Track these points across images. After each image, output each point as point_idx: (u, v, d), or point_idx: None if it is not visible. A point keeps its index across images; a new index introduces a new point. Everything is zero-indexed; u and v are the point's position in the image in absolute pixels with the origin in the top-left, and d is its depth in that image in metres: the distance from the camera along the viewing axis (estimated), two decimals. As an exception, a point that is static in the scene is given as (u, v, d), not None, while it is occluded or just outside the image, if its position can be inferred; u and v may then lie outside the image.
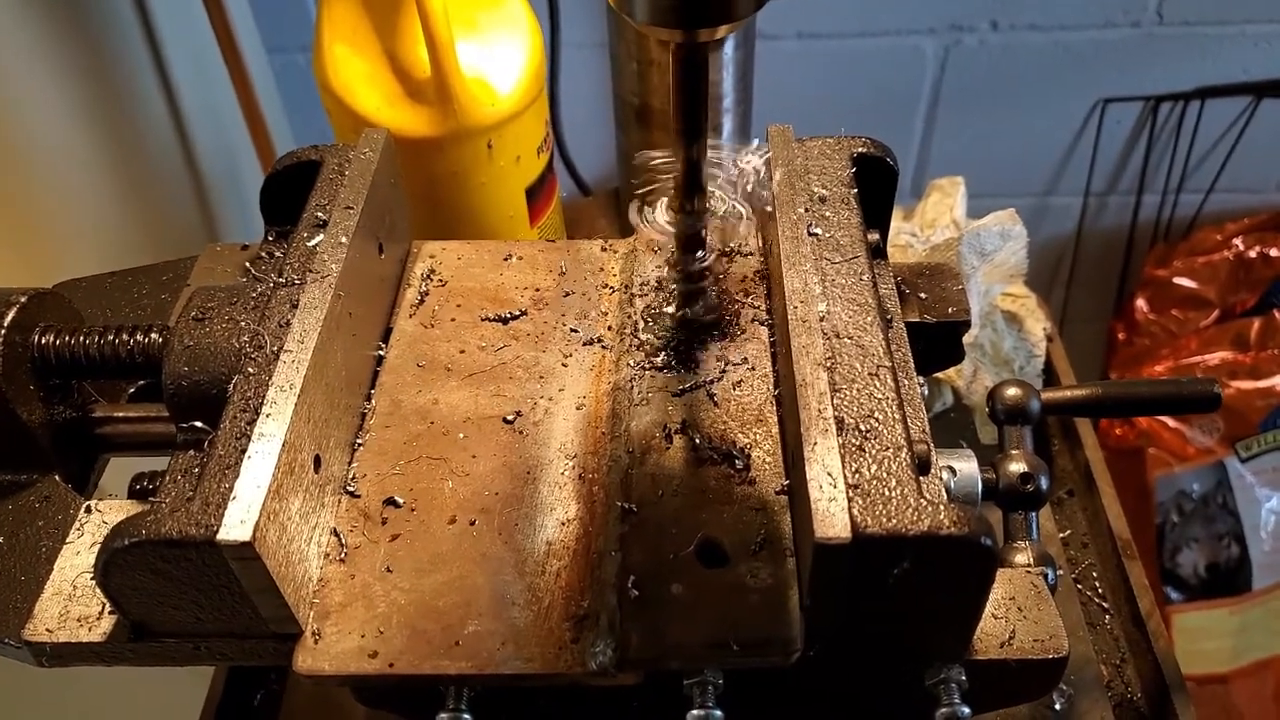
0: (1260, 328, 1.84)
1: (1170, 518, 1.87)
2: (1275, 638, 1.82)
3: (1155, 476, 1.87)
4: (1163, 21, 1.55)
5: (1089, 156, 1.75)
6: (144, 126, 1.17)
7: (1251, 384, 1.83)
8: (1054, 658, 0.53)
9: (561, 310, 0.66)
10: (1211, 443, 1.84)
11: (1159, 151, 1.75)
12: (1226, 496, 1.84)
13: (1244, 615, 1.83)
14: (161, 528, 0.45)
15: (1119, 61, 1.61)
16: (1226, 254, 1.85)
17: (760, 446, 0.56)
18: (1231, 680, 1.82)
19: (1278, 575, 1.81)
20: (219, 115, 1.33)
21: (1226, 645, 1.84)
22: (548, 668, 0.49)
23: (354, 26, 0.80)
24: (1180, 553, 1.86)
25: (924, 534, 0.44)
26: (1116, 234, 1.89)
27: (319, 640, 0.50)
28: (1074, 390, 0.66)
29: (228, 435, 0.50)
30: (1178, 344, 1.88)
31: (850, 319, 0.54)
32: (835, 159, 0.63)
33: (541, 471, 0.57)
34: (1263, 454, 1.83)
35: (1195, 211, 1.84)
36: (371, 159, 0.65)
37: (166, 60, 1.21)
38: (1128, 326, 1.94)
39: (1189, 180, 1.79)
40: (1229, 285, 1.87)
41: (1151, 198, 1.82)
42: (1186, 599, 1.85)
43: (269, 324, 0.55)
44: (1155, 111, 1.70)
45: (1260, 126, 1.69)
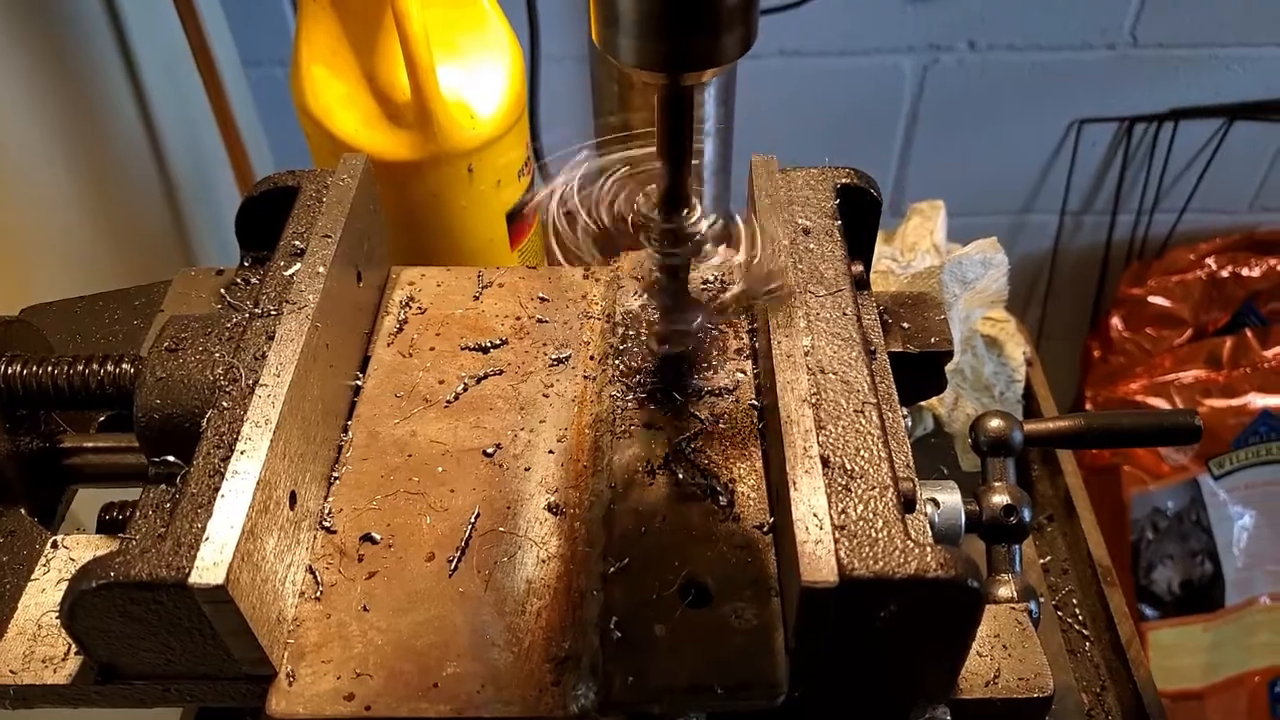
0: (1232, 346, 1.86)
1: (1145, 535, 1.88)
2: (1248, 653, 1.83)
3: (1131, 494, 1.88)
4: (1137, 44, 1.57)
5: (1065, 176, 1.76)
6: (117, 143, 1.15)
7: (1224, 402, 1.85)
8: (1039, 697, 0.52)
9: (543, 339, 0.65)
10: (1185, 460, 1.85)
11: (1133, 171, 1.77)
12: (1200, 514, 1.85)
13: (1217, 632, 1.84)
14: (131, 569, 0.44)
15: (1094, 82, 1.63)
16: (1200, 273, 1.87)
17: (744, 481, 0.55)
18: (1206, 696, 1.83)
19: (1250, 591, 1.82)
20: (194, 131, 1.32)
21: (1200, 662, 1.85)
22: (528, 711, 0.48)
23: (333, 48, 0.79)
24: (1155, 570, 1.88)
25: (911, 577, 0.44)
26: (1092, 252, 1.91)
27: (293, 682, 0.49)
28: (1056, 422, 0.66)
29: (201, 472, 0.48)
30: (1152, 362, 1.89)
31: (835, 354, 0.54)
32: (819, 190, 0.63)
33: (522, 506, 0.56)
34: (1235, 471, 1.84)
35: (1169, 231, 1.86)
36: (350, 185, 0.64)
37: (141, 75, 1.19)
38: (1103, 344, 1.95)
39: (1163, 200, 1.81)
40: (1202, 304, 1.89)
41: (1126, 217, 1.84)
42: (1161, 616, 1.86)
43: (244, 356, 0.54)
44: (1130, 132, 1.71)
45: (1232, 147, 1.71)
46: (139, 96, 1.20)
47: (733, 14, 0.45)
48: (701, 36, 0.45)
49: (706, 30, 0.45)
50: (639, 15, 0.44)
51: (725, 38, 0.46)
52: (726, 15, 0.45)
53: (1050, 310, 2.00)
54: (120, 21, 1.15)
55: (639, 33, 0.45)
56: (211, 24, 1.28)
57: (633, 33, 0.45)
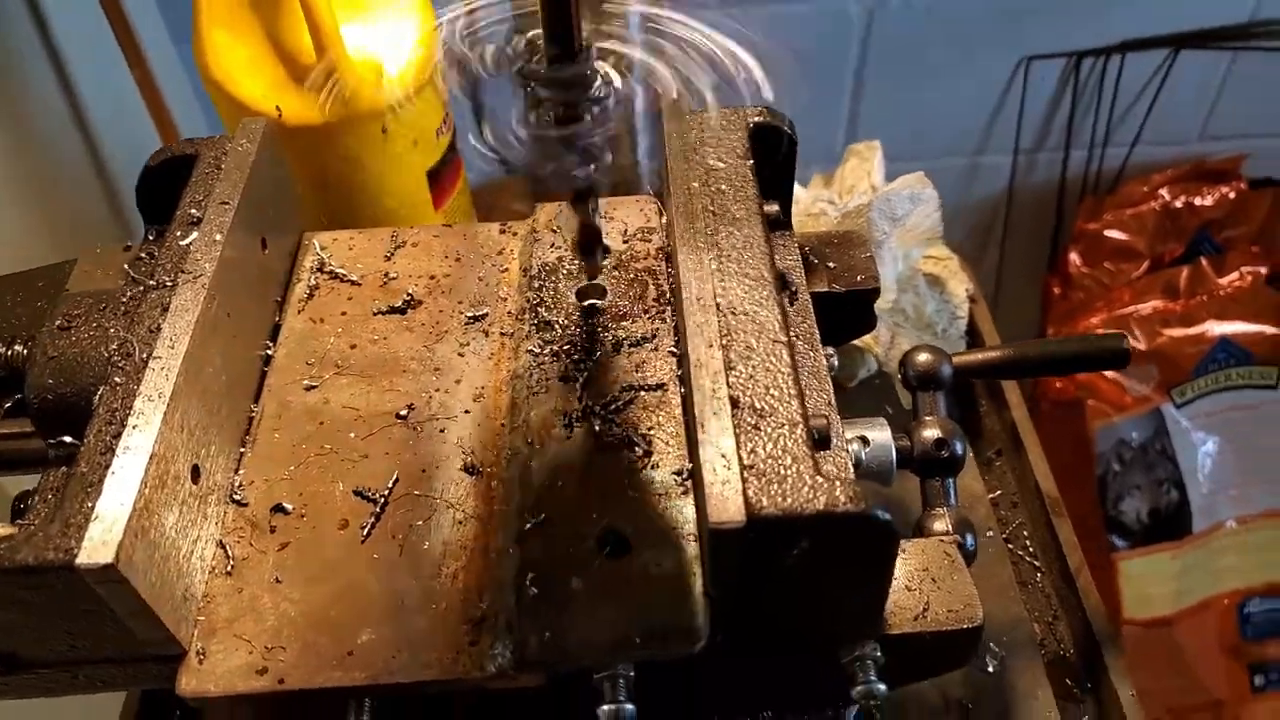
0: (1189, 276, 1.86)
1: (1112, 467, 1.90)
2: (1216, 578, 1.85)
3: (1095, 427, 1.89)
4: (1082, -23, 1.56)
5: (1016, 114, 1.75)
6: (41, 124, 1.12)
7: (1183, 331, 1.85)
8: (969, 627, 0.52)
9: (458, 298, 0.63)
10: (1148, 391, 1.86)
11: (1084, 107, 1.76)
12: (1165, 443, 1.87)
13: (1185, 558, 1.86)
14: (16, 554, 0.43)
15: (1041, 18, 1.61)
16: (1153, 205, 1.87)
17: (663, 429, 0.54)
18: (1175, 622, 1.85)
19: (1216, 517, 1.84)
20: (123, 109, 1.28)
21: (1170, 589, 1.87)
22: (445, 673, 0.47)
23: (233, 12, 0.76)
24: (1123, 501, 1.89)
25: (820, 513, 0.43)
26: (1047, 190, 1.90)
27: (204, 660, 0.48)
28: (986, 353, 0.65)
29: (92, 451, 0.47)
30: (1111, 296, 1.89)
31: (745, 294, 0.52)
32: (731, 130, 0.61)
33: (437, 469, 0.55)
34: (1197, 399, 1.85)
35: (1121, 164, 1.85)
36: (249, 150, 0.62)
37: (61, 52, 1.15)
38: (1062, 281, 1.95)
39: (1114, 134, 1.80)
40: (1157, 235, 1.89)
41: (1079, 153, 1.83)
42: (1131, 546, 1.88)
43: (138, 330, 0.52)
44: (1078, 67, 1.70)
45: (1180, 78, 1.70)
46: (61, 74, 1.17)
47: None
48: None
49: None
50: None
51: None
52: None
53: (1008, 251, 1.99)
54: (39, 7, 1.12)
55: None
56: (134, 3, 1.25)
57: None
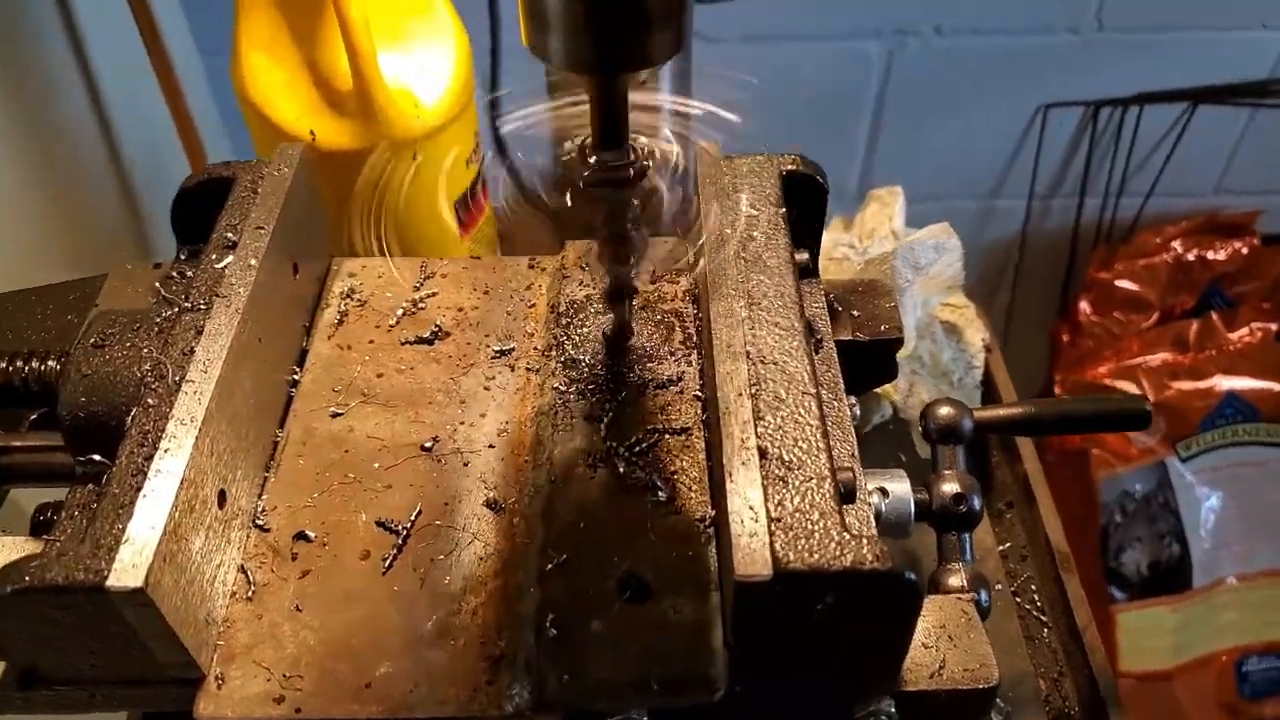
0: (1199, 329, 1.87)
1: (1114, 518, 1.89)
2: (1215, 634, 1.85)
3: (1099, 477, 1.89)
4: (1102, 28, 1.57)
5: (1032, 160, 1.76)
6: (68, 134, 1.13)
7: (1191, 384, 1.85)
8: (984, 688, 0.52)
9: (485, 331, 0.64)
10: (1153, 443, 1.86)
11: (1100, 155, 1.77)
12: (1168, 496, 1.86)
13: (1185, 613, 1.85)
14: (47, 573, 0.43)
15: (1060, 67, 1.63)
16: (1166, 256, 1.88)
17: (687, 474, 0.54)
18: (1174, 677, 1.84)
19: (1217, 572, 1.84)
20: (149, 121, 1.29)
21: (1168, 643, 1.87)
22: (462, 711, 0.47)
23: (272, 35, 0.77)
24: (1124, 552, 1.89)
25: (847, 570, 0.43)
26: (1060, 237, 1.91)
27: (222, 685, 0.48)
28: (1007, 409, 0.65)
29: (123, 472, 0.47)
30: (1120, 345, 1.90)
31: (776, 344, 0.53)
32: (764, 177, 0.62)
33: (460, 502, 0.55)
34: (1202, 453, 1.85)
35: (1136, 215, 1.87)
36: (286, 176, 0.62)
37: (92, 65, 1.16)
38: (1072, 329, 1.95)
39: (1129, 184, 1.82)
40: (1169, 287, 1.89)
41: (1093, 201, 1.84)
42: (1130, 598, 1.87)
43: (172, 352, 0.52)
44: (1096, 116, 1.71)
45: (1196, 131, 1.71)
46: (90, 87, 1.17)
47: (663, 15, 0.44)
48: (631, 37, 0.44)
49: (636, 31, 0.44)
50: (567, 17, 0.43)
51: (655, 37, 0.45)
52: (657, 16, 0.44)
53: (1019, 295, 2.00)
54: (71, 10, 1.13)
55: (567, 34, 0.44)
56: (165, 12, 1.26)
57: (561, 34, 0.44)
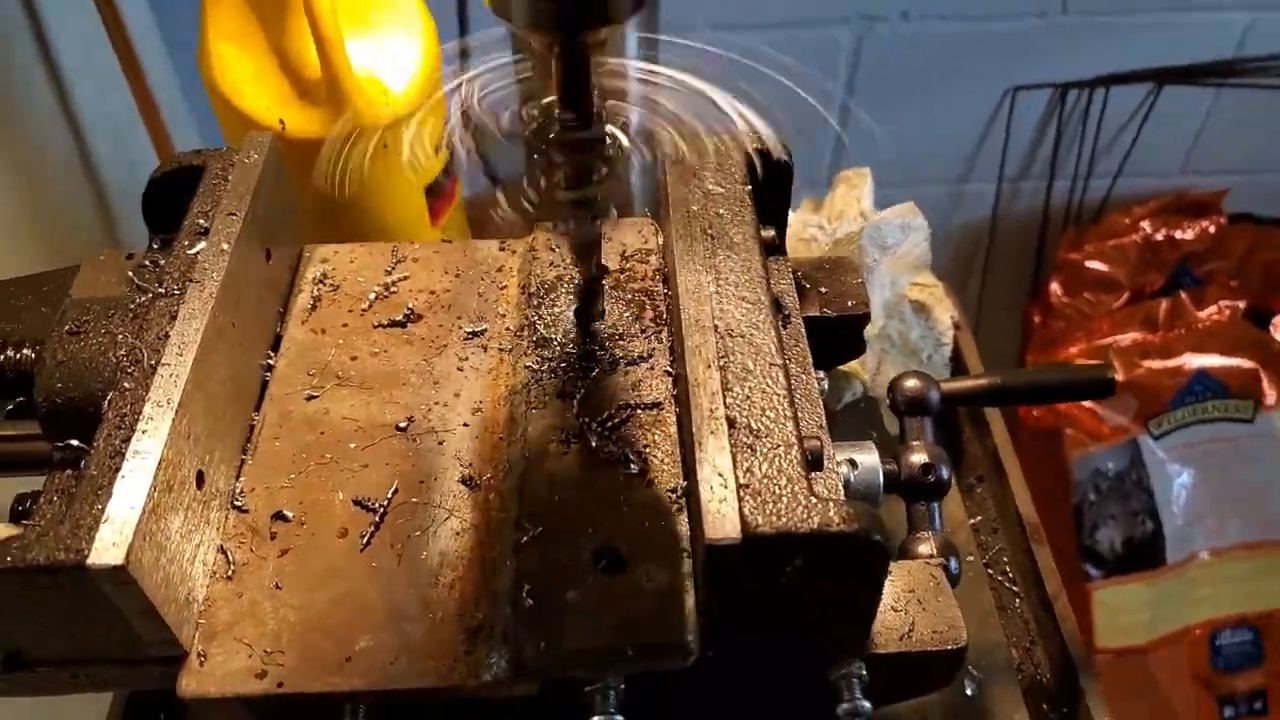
0: (1168, 308, 1.89)
1: (1088, 496, 1.91)
2: (1188, 608, 1.88)
3: (1073, 457, 1.91)
4: (1067, 11, 1.59)
5: (1001, 143, 1.78)
6: (33, 127, 1.12)
7: (1161, 363, 1.88)
8: (953, 649, 0.53)
9: (458, 313, 0.65)
10: (1125, 422, 1.88)
11: (1068, 137, 1.79)
12: (1140, 473, 1.89)
13: (1159, 588, 1.88)
14: (28, 554, 0.43)
15: (1027, 50, 1.65)
16: (1135, 237, 1.90)
17: (658, 447, 0.55)
18: (1150, 652, 1.87)
19: (1190, 547, 1.86)
20: (115, 114, 1.29)
21: (1144, 618, 1.89)
22: (442, 680, 0.48)
23: (240, 25, 0.78)
24: (1098, 530, 1.91)
25: (814, 531, 0.44)
26: (1030, 219, 1.93)
27: (204, 662, 0.48)
28: (974, 380, 0.67)
29: (101, 454, 0.48)
30: (1091, 326, 1.92)
31: (743, 317, 0.54)
32: (729, 156, 0.63)
33: (435, 480, 0.56)
34: (1174, 431, 1.88)
35: (1104, 196, 1.89)
36: (256, 163, 0.63)
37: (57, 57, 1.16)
38: (1043, 310, 1.98)
39: (1097, 165, 1.84)
40: (1138, 267, 1.92)
41: (1062, 183, 1.86)
42: (1105, 575, 1.90)
43: (147, 336, 0.53)
44: (1063, 98, 1.73)
45: (1162, 112, 1.73)
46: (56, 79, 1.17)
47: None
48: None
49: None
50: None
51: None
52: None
53: (990, 279, 2.02)
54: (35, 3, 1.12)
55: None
56: (130, 4, 1.25)
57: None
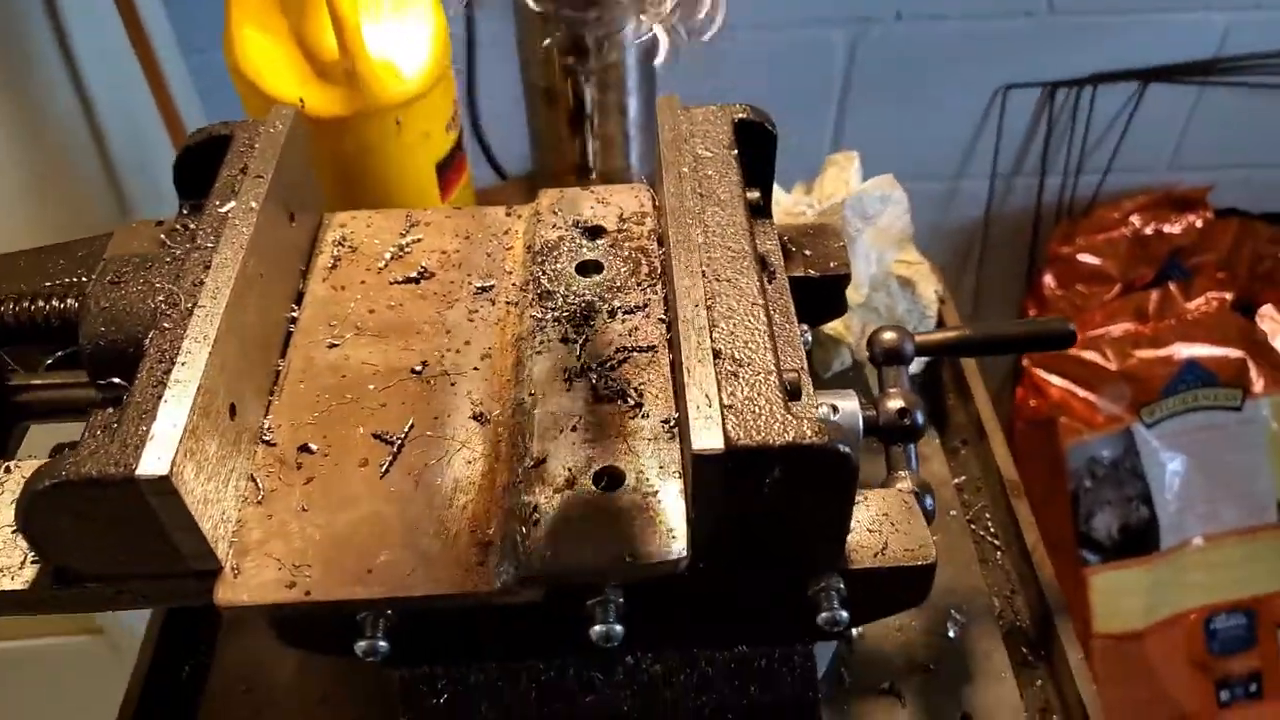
0: (1158, 300, 1.94)
1: (1083, 483, 1.95)
2: (1184, 593, 1.91)
3: (1068, 445, 1.94)
4: (1055, 11, 1.64)
5: (994, 140, 1.83)
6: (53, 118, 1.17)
7: (1152, 353, 1.92)
8: (923, 564, 0.58)
9: (468, 271, 0.70)
10: (1119, 410, 1.92)
11: (1058, 135, 1.84)
12: (1134, 461, 1.92)
13: (1155, 573, 1.91)
14: (81, 468, 0.48)
15: (1017, 50, 1.69)
16: (1125, 231, 1.94)
17: (653, 385, 0.60)
18: (1147, 636, 1.90)
19: (1184, 533, 1.90)
20: (133, 112, 1.34)
21: (1140, 603, 1.92)
22: (456, 588, 0.53)
23: (263, 10, 0.83)
24: (1094, 516, 1.94)
25: (789, 444, 0.49)
26: (1023, 214, 1.97)
27: (238, 575, 0.53)
28: (944, 333, 0.71)
29: (144, 384, 0.52)
30: (1084, 317, 1.96)
31: (728, 264, 0.59)
32: (717, 124, 0.68)
33: (449, 416, 0.61)
34: (1166, 419, 1.91)
35: (1094, 191, 1.93)
36: (281, 132, 0.68)
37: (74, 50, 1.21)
38: (1037, 302, 2.02)
39: (1087, 161, 1.88)
40: (1129, 261, 1.96)
41: (1054, 179, 1.91)
42: (1102, 560, 1.93)
43: (183, 283, 0.58)
44: (1053, 96, 1.78)
45: (1149, 110, 1.78)
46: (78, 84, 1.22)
47: None
48: None
49: None
50: None
51: None
52: None
53: (986, 272, 2.06)
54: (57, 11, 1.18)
55: None
56: (149, 14, 1.31)
57: None
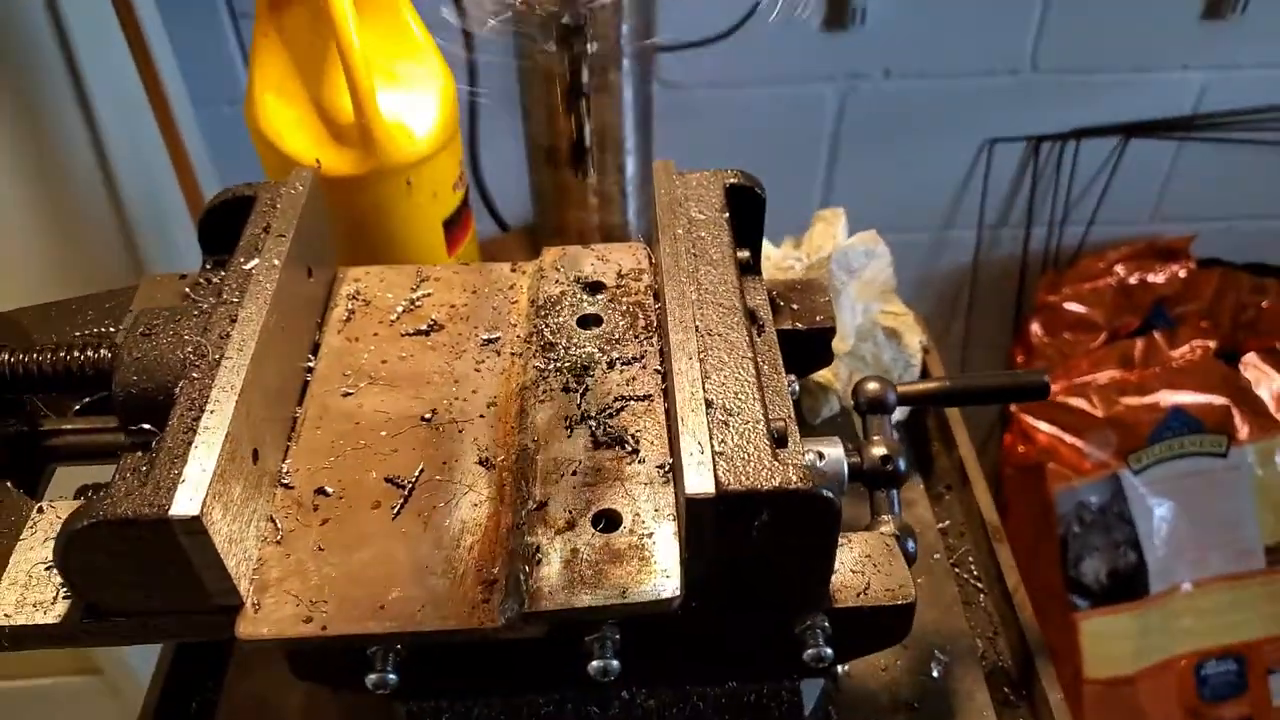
0: (1143, 348, 1.97)
1: (1072, 529, 1.97)
2: (1173, 639, 1.92)
3: (1056, 490, 1.97)
4: (1038, 70, 1.70)
5: (980, 192, 1.88)
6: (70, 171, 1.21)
7: (1138, 400, 1.95)
8: (903, 604, 0.61)
9: (475, 323, 0.74)
10: (1106, 456, 1.95)
11: (1043, 187, 1.89)
12: (1122, 506, 1.94)
13: (1145, 619, 1.92)
14: (117, 509, 0.52)
15: (1002, 105, 1.75)
16: (1110, 280, 1.98)
17: (649, 432, 0.64)
18: (1137, 682, 1.91)
19: (1172, 580, 1.91)
20: (149, 166, 1.38)
21: (1130, 648, 1.93)
22: (463, 624, 0.56)
23: (283, 77, 0.88)
24: (1083, 561, 1.96)
25: (776, 489, 0.53)
26: (1010, 264, 2.02)
27: (258, 610, 0.57)
28: (925, 384, 0.75)
29: (175, 430, 0.56)
30: (1070, 364, 1.99)
31: (719, 320, 0.63)
32: (710, 188, 0.73)
33: (456, 461, 0.64)
34: (1152, 465, 1.93)
35: (1079, 241, 1.98)
36: (301, 193, 0.72)
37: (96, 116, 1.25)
38: (1025, 350, 2.06)
39: (1072, 212, 1.93)
40: (1114, 309, 2.00)
41: (1039, 229, 1.95)
42: (1092, 605, 1.94)
43: (210, 336, 0.62)
44: (1037, 150, 1.83)
45: (1131, 163, 1.83)
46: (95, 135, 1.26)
47: None
48: None
49: None
50: None
51: None
52: None
53: (974, 320, 2.11)
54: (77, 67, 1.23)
55: None
56: (165, 68, 1.36)
57: None
